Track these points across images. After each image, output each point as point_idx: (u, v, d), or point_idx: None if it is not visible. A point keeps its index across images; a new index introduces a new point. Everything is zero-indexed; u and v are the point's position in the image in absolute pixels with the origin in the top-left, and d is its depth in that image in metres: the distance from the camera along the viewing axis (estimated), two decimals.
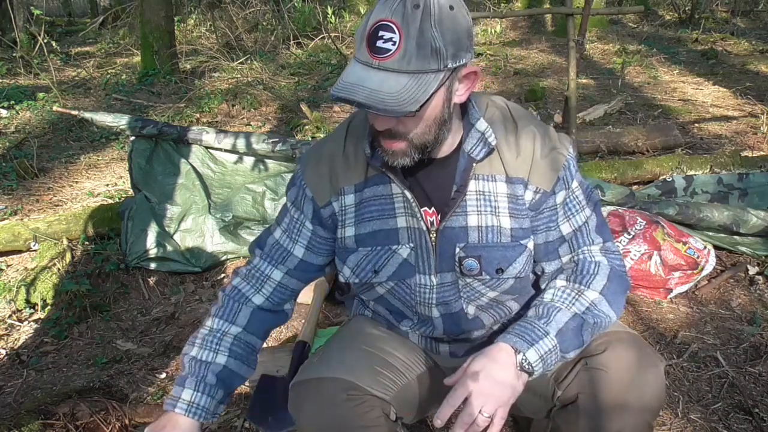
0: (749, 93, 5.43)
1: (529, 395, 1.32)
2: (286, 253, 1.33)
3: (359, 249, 1.26)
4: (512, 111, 1.26)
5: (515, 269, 1.24)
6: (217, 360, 1.30)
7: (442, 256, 1.24)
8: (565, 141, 1.26)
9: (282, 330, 2.45)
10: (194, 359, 1.30)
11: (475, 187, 1.21)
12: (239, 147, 2.99)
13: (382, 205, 1.24)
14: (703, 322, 2.37)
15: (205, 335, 1.33)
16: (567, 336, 1.16)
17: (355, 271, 1.29)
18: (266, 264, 1.34)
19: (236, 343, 1.33)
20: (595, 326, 1.20)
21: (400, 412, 1.30)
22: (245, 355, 1.34)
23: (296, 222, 1.31)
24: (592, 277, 1.23)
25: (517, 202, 1.22)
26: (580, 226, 1.26)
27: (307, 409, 1.21)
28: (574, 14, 3.47)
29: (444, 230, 1.22)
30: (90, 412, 1.89)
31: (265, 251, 1.35)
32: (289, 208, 1.33)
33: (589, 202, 1.27)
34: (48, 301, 2.63)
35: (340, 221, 1.27)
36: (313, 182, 1.28)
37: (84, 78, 6.73)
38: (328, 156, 1.27)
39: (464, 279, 1.25)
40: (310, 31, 8.01)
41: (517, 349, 1.13)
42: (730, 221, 2.67)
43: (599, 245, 1.27)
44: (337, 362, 1.28)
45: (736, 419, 1.87)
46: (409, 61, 1.02)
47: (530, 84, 5.97)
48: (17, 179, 4.04)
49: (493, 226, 1.22)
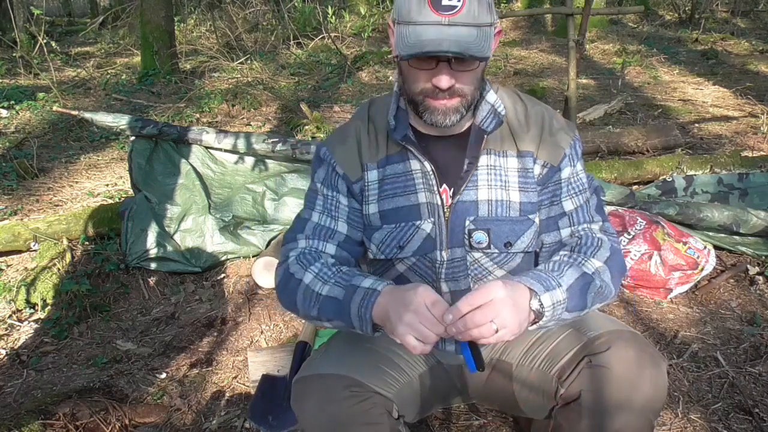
0: (749, 93, 5.43)
1: (532, 394, 1.32)
2: (331, 231, 1.32)
3: (384, 226, 1.31)
4: (521, 95, 1.35)
5: (523, 243, 1.29)
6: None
7: (453, 231, 1.28)
8: (571, 125, 1.34)
9: (282, 330, 2.46)
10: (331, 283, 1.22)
11: (487, 162, 1.27)
12: (239, 147, 2.99)
13: (404, 182, 1.29)
14: (703, 322, 2.37)
15: (311, 279, 1.23)
16: (574, 293, 1.17)
17: (380, 247, 1.32)
18: (316, 242, 1.31)
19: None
20: (599, 292, 1.21)
21: (402, 410, 1.30)
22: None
23: (332, 200, 1.33)
24: (596, 249, 1.27)
25: (527, 176, 1.29)
26: (582, 204, 1.31)
27: (309, 405, 1.21)
28: (574, 14, 3.47)
29: (456, 205, 1.27)
30: (90, 412, 1.89)
31: (308, 233, 1.32)
32: (320, 189, 1.34)
33: (590, 187, 1.34)
34: (48, 301, 2.63)
35: (364, 197, 1.32)
36: (343, 159, 1.32)
37: (84, 78, 6.73)
38: (354, 133, 1.33)
39: (473, 254, 1.29)
40: (310, 31, 8.02)
41: (532, 290, 1.13)
42: (730, 221, 2.67)
43: (599, 224, 1.32)
44: (340, 359, 1.28)
45: (736, 419, 1.87)
46: (475, 16, 1.11)
47: (530, 84, 5.97)
48: (17, 179, 4.04)
49: (503, 200, 1.27)
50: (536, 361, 1.30)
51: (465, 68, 1.15)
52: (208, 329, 2.50)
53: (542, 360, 1.29)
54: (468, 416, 1.89)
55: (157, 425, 1.95)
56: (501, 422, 1.86)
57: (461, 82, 1.17)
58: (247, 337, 2.42)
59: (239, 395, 2.08)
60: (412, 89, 1.20)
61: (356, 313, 1.15)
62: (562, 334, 1.29)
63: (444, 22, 1.10)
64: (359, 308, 1.15)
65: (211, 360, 2.29)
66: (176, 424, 1.96)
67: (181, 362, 2.29)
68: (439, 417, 1.89)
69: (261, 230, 2.99)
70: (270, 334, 2.44)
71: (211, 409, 2.03)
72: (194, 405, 2.05)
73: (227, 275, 2.87)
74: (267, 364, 1.81)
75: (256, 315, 2.57)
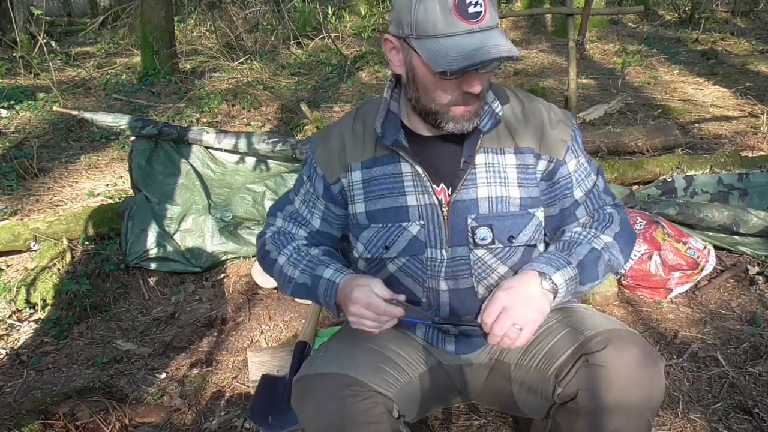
0: (749, 93, 5.43)
1: (530, 394, 1.32)
2: (305, 221, 1.43)
3: (371, 225, 1.33)
4: (518, 92, 1.37)
5: (525, 236, 1.31)
6: (312, 252, 1.40)
7: (454, 230, 1.28)
8: (569, 115, 1.36)
9: (282, 330, 2.46)
10: (301, 267, 1.36)
11: (484, 160, 1.28)
12: (239, 147, 2.99)
13: (392, 184, 1.30)
14: (703, 322, 2.37)
15: (284, 261, 1.38)
16: (585, 267, 1.26)
17: (367, 246, 1.34)
18: (291, 225, 1.44)
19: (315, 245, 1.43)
20: (609, 264, 1.29)
21: (403, 409, 1.30)
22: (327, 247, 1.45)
23: (311, 195, 1.41)
24: (607, 224, 1.34)
25: (527, 172, 1.30)
26: (590, 189, 1.36)
27: (309, 404, 1.21)
28: (574, 14, 3.47)
29: (455, 203, 1.28)
30: (90, 412, 1.90)
31: (286, 215, 1.44)
32: (305, 181, 1.42)
33: (593, 170, 1.38)
34: (48, 301, 2.63)
35: (349, 197, 1.34)
36: (322, 160, 1.36)
37: (84, 78, 6.73)
38: (338, 134, 1.36)
39: (476, 252, 1.29)
40: (310, 31, 8.02)
41: (543, 273, 1.22)
42: (730, 221, 2.67)
43: (610, 203, 1.39)
44: (340, 358, 1.28)
45: (736, 419, 1.87)
46: (494, 18, 1.13)
47: (530, 84, 5.97)
48: (17, 179, 4.04)
49: (503, 197, 1.29)
50: (534, 360, 1.30)
51: (488, 71, 1.17)
52: (208, 329, 2.50)
53: (540, 360, 1.29)
54: (468, 416, 1.89)
55: (157, 425, 1.96)
56: (501, 422, 1.86)
57: (483, 85, 1.19)
58: (247, 337, 2.42)
59: (239, 395, 2.08)
60: (438, 101, 1.19)
61: (323, 300, 1.31)
62: (559, 334, 1.29)
63: (475, 29, 1.11)
64: (325, 297, 1.31)
65: (211, 360, 2.29)
66: (176, 424, 1.96)
67: (181, 362, 2.29)
68: (439, 417, 1.89)
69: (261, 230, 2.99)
70: (270, 334, 2.44)
71: (211, 409, 2.03)
72: (194, 405, 2.05)
73: (227, 275, 2.87)
74: (267, 364, 1.80)
75: (256, 315, 2.57)
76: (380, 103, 1.32)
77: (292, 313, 2.56)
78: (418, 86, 1.21)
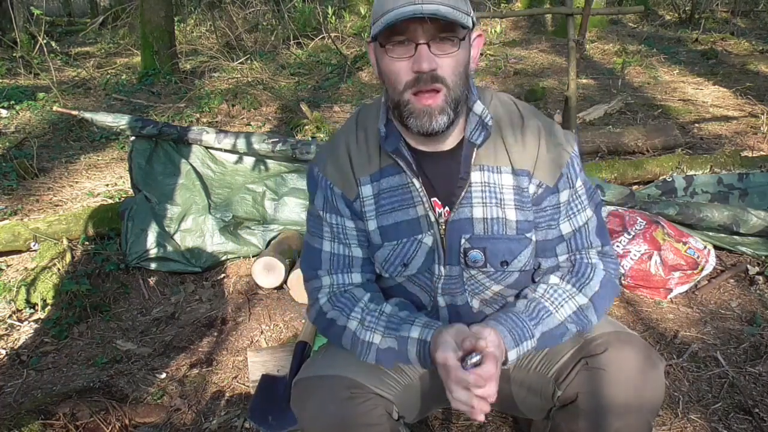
0: (749, 93, 5.43)
1: (530, 395, 1.32)
2: (349, 259, 1.31)
3: (385, 244, 1.26)
4: (518, 105, 1.28)
5: (520, 262, 1.25)
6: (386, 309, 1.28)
7: (450, 249, 1.25)
8: (570, 138, 1.27)
9: (282, 330, 2.46)
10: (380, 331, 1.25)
11: (480, 179, 1.22)
12: (239, 147, 2.99)
13: (401, 195, 1.24)
14: (703, 322, 2.37)
15: (356, 327, 1.25)
16: (547, 339, 1.23)
17: (384, 266, 1.29)
18: (338, 275, 1.31)
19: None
20: (576, 334, 1.25)
21: (403, 410, 1.30)
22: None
23: (338, 227, 1.29)
24: (587, 280, 1.26)
25: (523, 195, 1.23)
26: (581, 226, 1.28)
27: (309, 406, 1.20)
28: (574, 14, 3.47)
29: (452, 222, 1.23)
30: (90, 412, 1.89)
31: (326, 267, 1.31)
32: (323, 217, 1.30)
33: (590, 203, 1.29)
34: (48, 301, 2.63)
35: (363, 214, 1.27)
36: (337, 178, 1.27)
37: (84, 78, 6.73)
38: (344, 148, 1.27)
39: (469, 271, 1.26)
40: (310, 31, 8.02)
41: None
42: (730, 221, 2.67)
43: (597, 248, 1.29)
44: (340, 360, 1.28)
45: (736, 419, 1.87)
46: (449, 1, 1.08)
47: (530, 84, 5.97)
48: (17, 179, 4.04)
49: (499, 218, 1.23)
50: (534, 362, 1.30)
51: (445, 51, 1.10)
52: (208, 329, 2.50)
53: (540, 361, 1.29)
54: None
55: (157, 425, 1.95)
56: (501, 422, 1.86)
57: (443, 69, 1.11)
58: (247, 337, 2.42)
59: (239, 395, 2.08)
60: (396, 88, 1.13)
61: (417, 361, 1.21)
62: None
63: (418, 1, 1.06)
64: (419, 358, 1.20)
65: (211, 360, 2.29)
66: (176, 424, 1.96)
67: (181, 362, 2.29)
68: (439, 417, 1.89)
69: (261, 230, 2.99)
70: (270, 334, 2.44)
71: (211, 409, 2.03)
72: (194, 405, 2.05)
73: (227, 275, 2.87)
74: (267, 364, 1.80)
75: (256, 315, 2.57)
76: (379, 105, 1.26)
77: (292, 313, 2.56)
78: (383, 77, 1.17)
